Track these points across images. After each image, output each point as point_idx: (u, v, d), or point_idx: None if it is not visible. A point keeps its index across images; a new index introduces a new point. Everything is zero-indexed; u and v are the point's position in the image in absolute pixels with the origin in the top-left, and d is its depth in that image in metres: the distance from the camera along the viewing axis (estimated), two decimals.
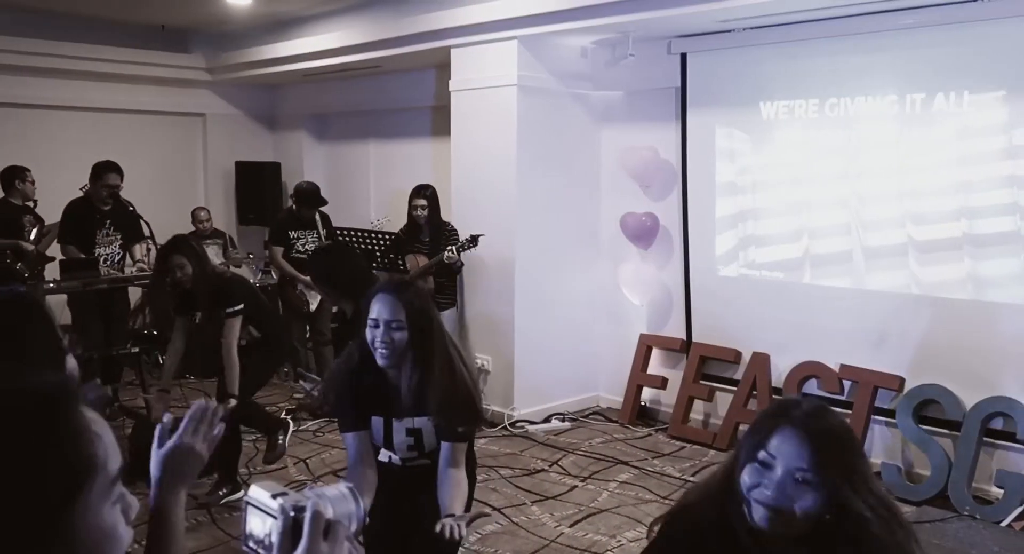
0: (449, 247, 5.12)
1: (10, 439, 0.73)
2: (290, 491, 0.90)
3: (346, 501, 0.88)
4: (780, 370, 4.92)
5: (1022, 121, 4.01)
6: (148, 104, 7.44)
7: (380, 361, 2.24)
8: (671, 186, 5.40)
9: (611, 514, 4.08)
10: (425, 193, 5.42)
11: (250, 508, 0.90)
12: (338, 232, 5.80)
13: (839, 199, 4.65)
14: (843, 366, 4.63)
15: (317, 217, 5.95)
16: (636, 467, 4.73)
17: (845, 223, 4.65)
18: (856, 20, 4.39)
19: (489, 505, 3.98)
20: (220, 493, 4.10)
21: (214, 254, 6.11)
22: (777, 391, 4.89)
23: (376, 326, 2.22)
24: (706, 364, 5.31)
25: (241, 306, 3.99)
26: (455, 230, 5.39)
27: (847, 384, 4.65)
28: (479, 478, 4.28)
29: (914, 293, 4.41)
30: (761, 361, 5.00)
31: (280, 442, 4.28)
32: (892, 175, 4.45)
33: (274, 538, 0.85)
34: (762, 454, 1.40)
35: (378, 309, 2.23)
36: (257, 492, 0.90)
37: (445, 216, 5.52)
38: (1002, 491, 3.98)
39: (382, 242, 5.43)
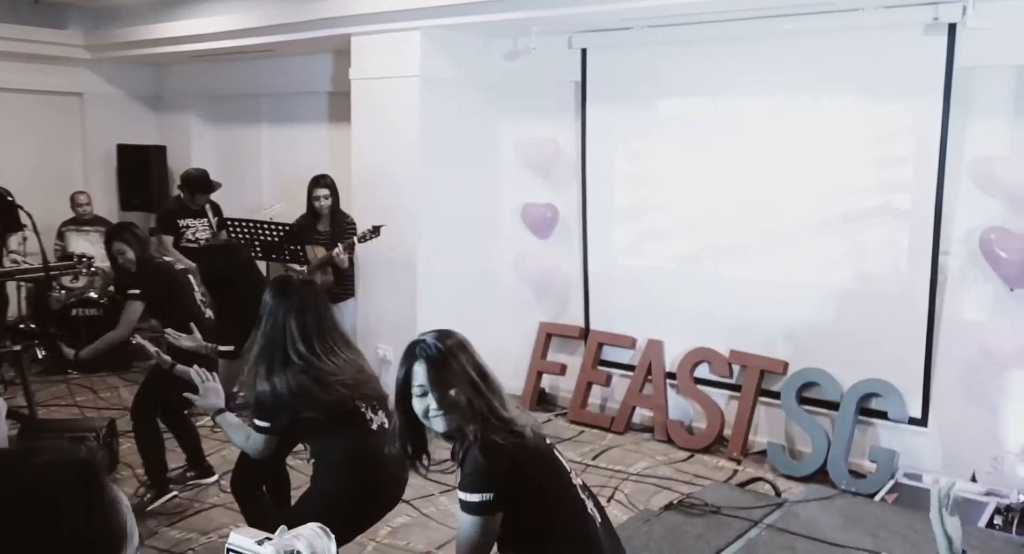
0: (338, 246, 5.04)
1: (62, 509, 0.73)
2: (270, 535, 0.93)
3: (320, 539, 0.92)
4: (674, 355, 5.15)
5: (896, 123, 4.35)
6: (21, 83, 7.00)
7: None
8: (571, 178, 5.53)
9: None
10: (326, 182, 5.34)
11: None
12: (229, 223, 5.58)
13: (730, 193, 4.89)
14: (732, 351, 4.91)
15: (207, 205, 5.76)
16: None
17: (735, 216, 4.89)
18: (743, 24, 4.61)
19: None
20: (188, 476, 4.30)
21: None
22: (671, 376, 5.13)
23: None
24: (603, 350, 5.49)
25: (138, 291, 4.07)
26: (353, 222, 5.33)
27: (736, 368, 4.93)
28: None
29: (798, 282, 4.70)
30: (656, 347, 5.21)
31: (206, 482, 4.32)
32: (778, 170, 4.71)
33: None
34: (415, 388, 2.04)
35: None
36: (240, 539, 0.93)
37: (344, 206, 5.46)
38: (875, 465, 4.33)
39: (277, 233, 5.31)
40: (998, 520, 3.75)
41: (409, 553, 3.64)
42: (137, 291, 4.08)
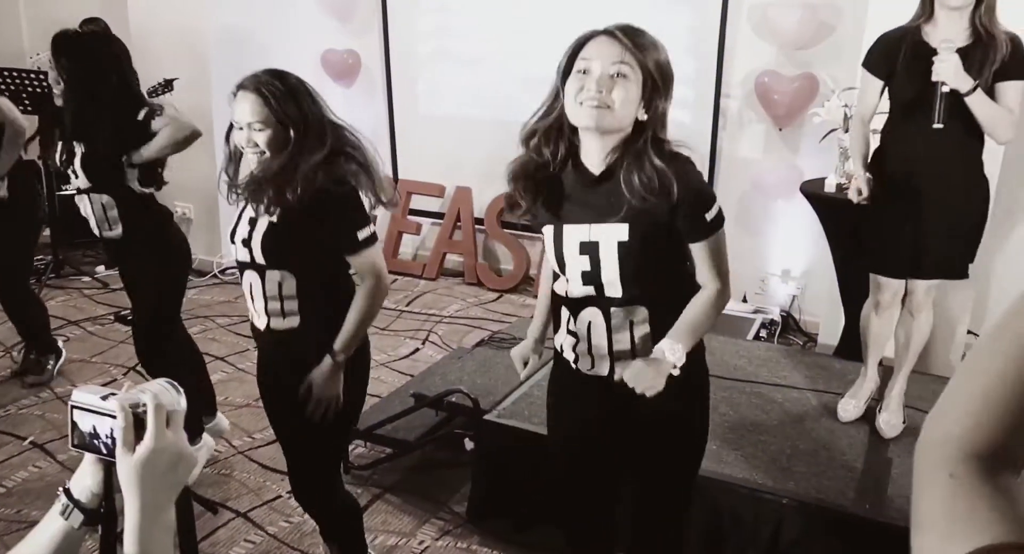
0: None
1: None
2: (115, 392, 0.94)
3: (168, 392, 0.94)
4: (482, 202, 5.30)
5: None
6: None
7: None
8: (372, 21, 5.33)
9: None
10: (99, 27, 4.83)
11: (77, 411, 0.94)
12: None
13: (533, 39, 4.92)
14: None
15: None
16: None
17: (538, 61, 4.94)
18: None
19: (211, 355, 4.00)
20: (48, 367, 3.85)
21: None
22: (479, 221, 5.30)
23: None
24: (413, 199, 5.55)
25: None
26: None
27: None
28: (196, 329, 4.29)
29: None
30: (464, 194, 5.34)
31: (48, 368, 3.88)
32: (576, 17, 4.77)
33: (117, 434, 0.90)
34: (579, 63, 1.66)
35: None
36: (83, 396, 0.93)
37: None
38: None
39: (46, 85, 4.80)
40: (763, 333, 4.31)
41: (229, 406, 3.68)
42: None
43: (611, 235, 1.70)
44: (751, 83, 4.42)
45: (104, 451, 0.93)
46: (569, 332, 1.84)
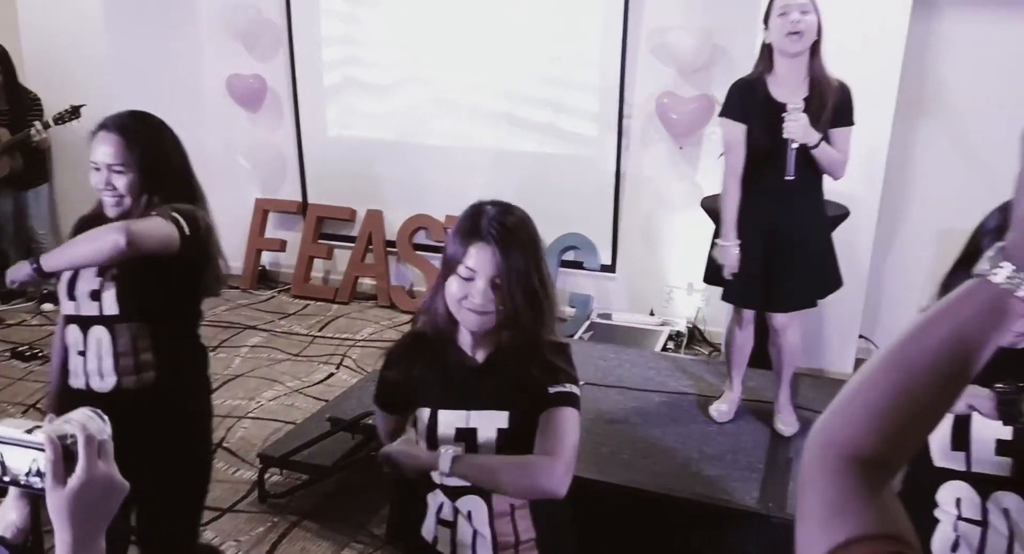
0: (35, 123, 4.53)
1: None
2: (40, 423, 0.92)
3: (94, 421, 0.93)
4: (393, 224, 5.31)
5: None
6: None
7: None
8: (278, 46, 5.31)
9: (247, 378, 4.23)
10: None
11: (2, 446, 0.91)
12: None
13: (440, 63, 5.00)
14: (448, 217, 5.16)
15: None
16: (264, 330, 4.89)
17: (446, 85, 5.03)
18: None
19: None
20: None
21: None
22: (391, 243, 5.31)
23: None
24: (324, 224, 5.52)
25: None
26: (38, 98, 4.76)
27: None
28: None
29: (505, 148, 4.99)
30: (375, 217, 5.34)
31: None
32: (483, 44, 4.88)
33: (46, 467, 0.89)
34: (463, 269, 1.57)
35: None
36: (7, 431, 0.91)
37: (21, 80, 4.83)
38: (574, 310, 4.88)
39: None
40: (671, 345, 4.45)
41: None
42: None
43: (490, 422, 1.62)
44: (652, 104, 4.59)
45: (34, 486, 0.91)
46: (441, 522, 1.67)
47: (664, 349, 4.34)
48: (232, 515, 3.07)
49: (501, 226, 1.58)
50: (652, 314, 4.75)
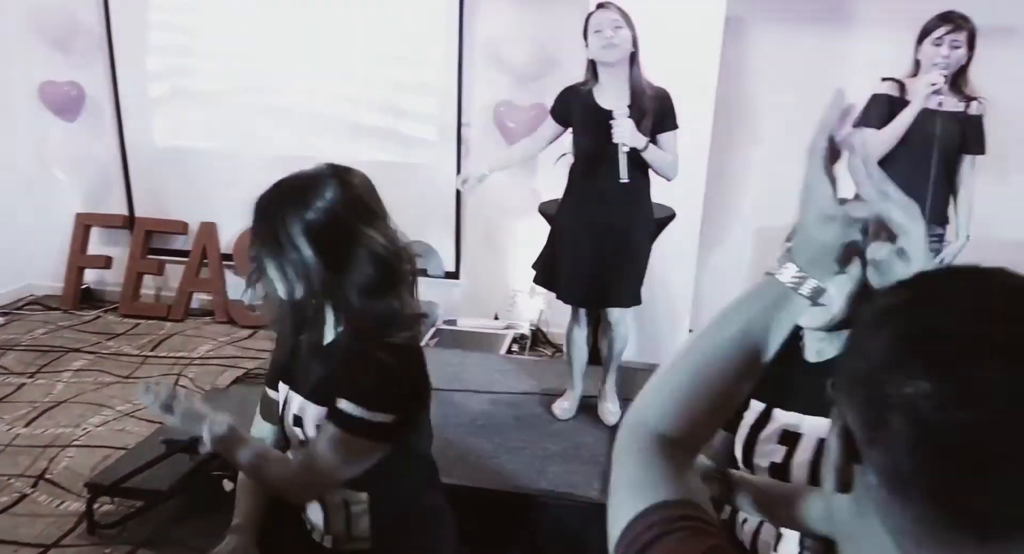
0: None
1: None
2: None
3: None
4: (229, 237, 5.13)
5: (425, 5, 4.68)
6: None
7: None
8: (97, 53, 5.01)
9: (71, 404, 3.95)
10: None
11: None
12: None
13: (273, 68, 4.87)
14: None
15: None
16: (90, 352, 4.58)
17: (280, 91, 4.91)
18: None
19: None
20: None
21: None
22: (227, 257, 5.12)
23: None
24: (153, 238, 5.25)
25: None
26: None
27: None
28: None
29: (344, 155, 4.87)
30: (209, 230, 5.14)
31: None
32: (320, 49, 4.80)
33: None
34: None
35: None
36: None
37: None
38: None
39: None
40: (515, 347, 4.54)
41: None
42: None
43: (313, 415, 1.68)
44: (490, 112, 4.67)
45: None
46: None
47: (509, 351, 4.42)
48: (58, 550, 2.87)
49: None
50: (496, 318, 4.82)
